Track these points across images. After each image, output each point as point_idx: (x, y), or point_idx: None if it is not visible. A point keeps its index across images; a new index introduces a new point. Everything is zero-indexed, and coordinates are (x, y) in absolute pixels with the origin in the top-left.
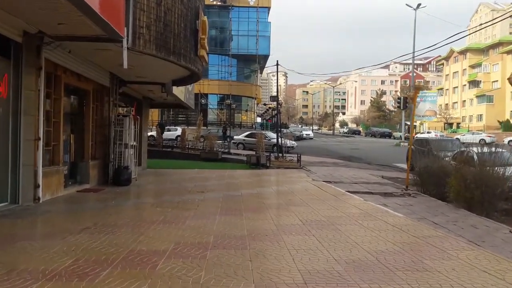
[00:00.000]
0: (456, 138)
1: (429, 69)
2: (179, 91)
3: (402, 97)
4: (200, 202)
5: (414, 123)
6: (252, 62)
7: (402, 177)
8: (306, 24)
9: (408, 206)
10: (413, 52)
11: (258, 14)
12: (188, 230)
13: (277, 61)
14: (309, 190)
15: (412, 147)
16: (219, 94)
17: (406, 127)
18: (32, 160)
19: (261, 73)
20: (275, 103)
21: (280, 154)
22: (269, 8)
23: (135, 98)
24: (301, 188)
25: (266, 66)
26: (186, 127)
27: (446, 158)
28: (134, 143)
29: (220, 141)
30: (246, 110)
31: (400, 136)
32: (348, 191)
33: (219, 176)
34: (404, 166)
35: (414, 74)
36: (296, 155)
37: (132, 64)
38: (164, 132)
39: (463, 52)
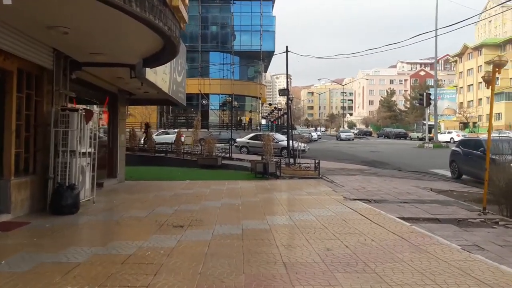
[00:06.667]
0: None
1: (438, 68)
2: (160, 80)
3: (425, 93)
4: (168, 257)
5: (432, 123)
6: (256, 60)
7: (456, 190)
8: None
9: None
10: (436, 35)
11: (262, 8)
12: None
13: (287, 46)
14: (350, 222)
15: (458, 149)
16: (221, 94)
17: (424, 126)
18: None
19: (265, 72)
20: (280, 104)
21: (292, 160)
22: (273, 1)
23: (107, 91)
24: (334, 216)
25: (275, 53)
26: (185, 129)
27: None
28: (90, 150)
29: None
30: (250, 111)
31: (418, 136)
32: (404, 218)
33: (215, 192)
34: (446, 173)
35: (428, 69)
36: (314, 162)
37: (61, 21)
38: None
39: (477, 48)
